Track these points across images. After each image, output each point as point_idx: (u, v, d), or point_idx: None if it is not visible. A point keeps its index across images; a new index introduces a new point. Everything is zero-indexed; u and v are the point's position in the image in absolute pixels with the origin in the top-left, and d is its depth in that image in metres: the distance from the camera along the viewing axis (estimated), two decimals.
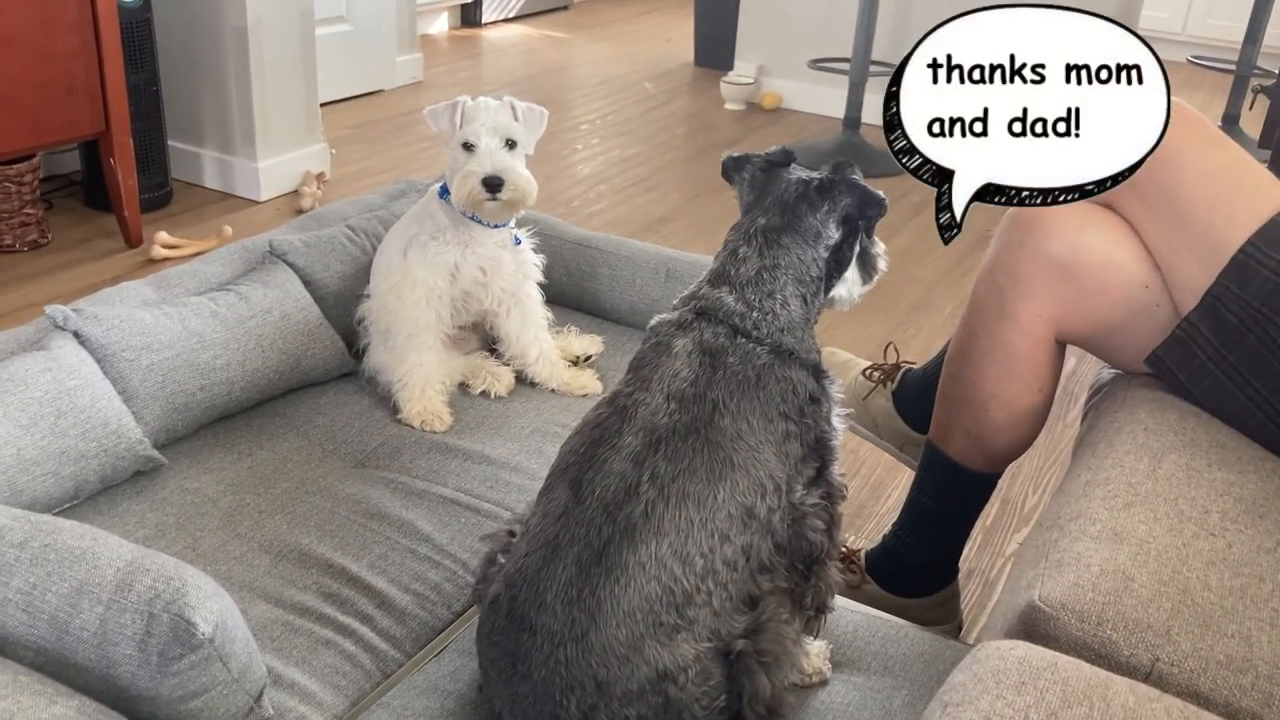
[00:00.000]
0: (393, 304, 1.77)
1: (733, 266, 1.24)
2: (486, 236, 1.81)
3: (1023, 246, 1.56)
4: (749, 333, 1.19)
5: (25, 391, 1.41)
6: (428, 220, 1.81)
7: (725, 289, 1.22)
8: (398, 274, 1.78)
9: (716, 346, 1.18)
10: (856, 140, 4.49)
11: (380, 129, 4.56)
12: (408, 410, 1.72)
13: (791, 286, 1.23)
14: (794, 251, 1.23)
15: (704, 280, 1.26)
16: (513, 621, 1.11)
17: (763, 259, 1.23)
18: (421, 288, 1.77)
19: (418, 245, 1.79)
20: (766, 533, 1.14)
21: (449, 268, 1.79)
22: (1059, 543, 1.15)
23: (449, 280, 1.79)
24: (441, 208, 1.80)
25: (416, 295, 1.76)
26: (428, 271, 1.77)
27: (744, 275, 1.22)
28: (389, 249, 1.85)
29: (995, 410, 1.63)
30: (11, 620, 1.07)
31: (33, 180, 3.18)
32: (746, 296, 1.21)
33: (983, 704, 0.90)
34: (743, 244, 1.25)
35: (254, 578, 1.36)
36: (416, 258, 1.78)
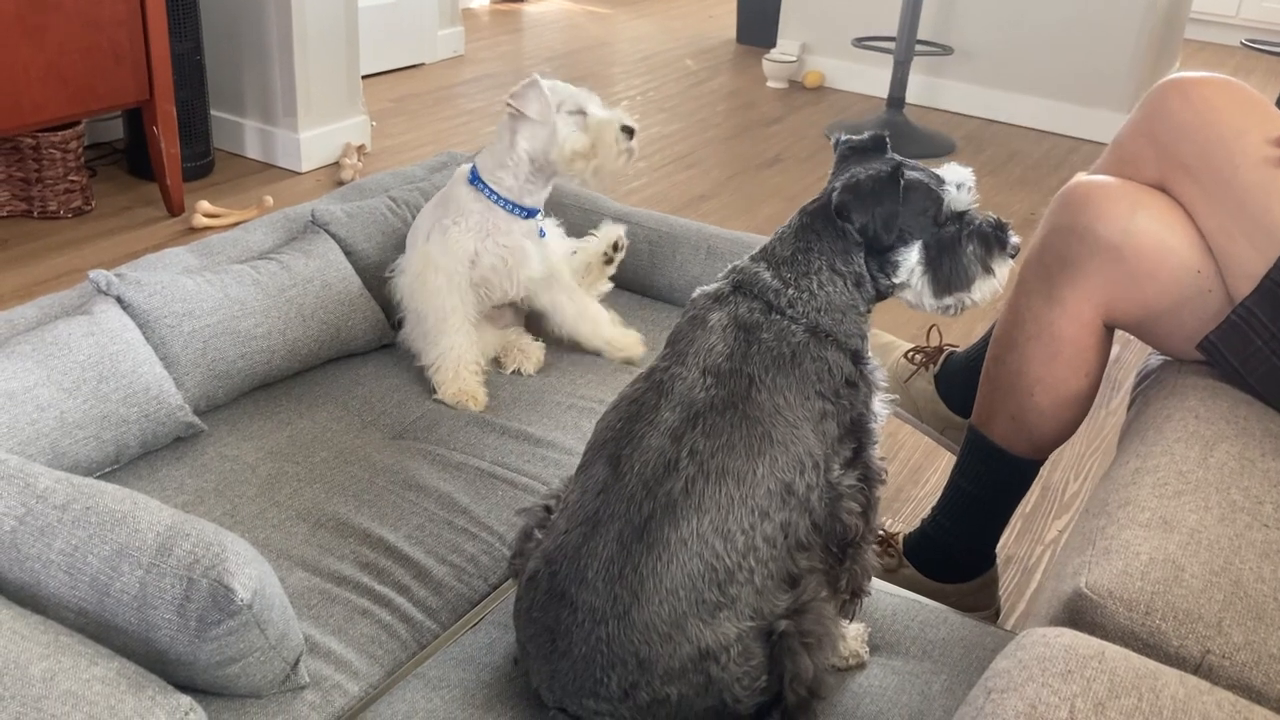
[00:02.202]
0: (418, 290, 1.77)
1: (777, 244, 1.23)
2: (512, 225, 1.79)
3: (1072, 229, 1.53)
4: (783, 310, 1.16)
5: (68, 355, 1.41)
6: (451, 205, 1.79)
7: (764, 265, 1.20)
8: (420, 261, 1.78)
9: (751, 321, 1.16)
10: (900, 120, 4.43)
11: (421, 102, 4.56)
12: (443, 392, 1.72)
13: (827, 271, 1.20)
14: (825, 240, 1.20)
15: (752, 254, 1.25)
16: (553, 598, 1.10)
17: (797, 240, 1.21)
18: (442, 274, 1.76)
19: (439, 230, 1.79)
20: (805, 510, 1.12)
21: (467, 254, 1.78)
22: (1106, 530, 1.13)
23: (468, 266, 1.78)
24: (469, 193, 1.78)
25: (439, 282, 1.76)
26: (446, 258, 1.76)
27: (782, 253, 1.21)
28: (418, 230, 1.84)
29: (1040, 395, 1.60)
30: (54, 581, 1.07)
31: (77, 147, 3.20)
32: (783, 274, 1.19)
33: (1028, 691, 0.88)
34: (789, 225, 1.24)
35: (292, 546, 1.37)
36: (437, 243, 1.78)
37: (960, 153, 4.34)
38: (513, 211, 1.78)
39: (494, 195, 1.77)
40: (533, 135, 1.74)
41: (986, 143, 4.50)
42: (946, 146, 4.36)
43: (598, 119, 1.73)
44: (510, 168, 1.76)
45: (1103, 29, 4.50)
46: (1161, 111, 1.55)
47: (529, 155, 1.75)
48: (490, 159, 1.78)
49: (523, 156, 1.75)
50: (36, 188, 3.17)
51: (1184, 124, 1.51)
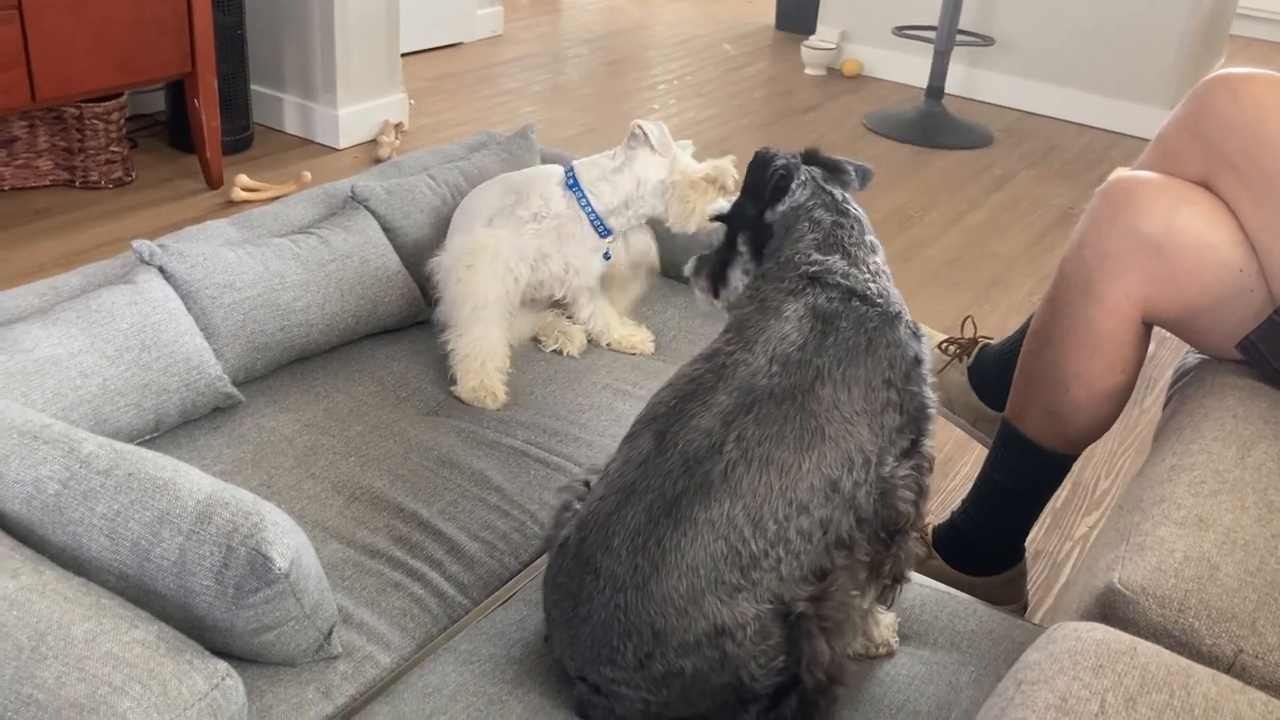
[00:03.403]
0: (463, 274, 1.73)
1: (841, 234, 1.26)
2: (589, 238, 1.80)
3: (1113, 223, 1.52)
4: (864, 295, 1.19)
5: (112, 323, 1.43)
6: (535, 199, 1.78)
7: (837, 255, 1.21)
8: (476, 244, 1.75)
9: (830, 311, 1.17)
10: (938, 111, 4.40)
11: (459, 81, 4.56)
12: (463, 385, 1.69)
13: (879, 254, 1.28)
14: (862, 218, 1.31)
15: (806, 248, 1.25)
16: (579, 563, 1.12)
17: (860, 228, 1.28)
18: (500, 263, 1.74)
19: (509, 219, 1.77)
20: (849, 508, 1.13)
21: (535, 254, 1.77)
22: (1141, 526, 1.13)
23: (530, 267, 1.77)
24: (562, 195, 1.78)
25: (493, 269, 1.73)
26: (509, 249, 1.75)
27: (853, 242, 1.25)
28: (474, 208, 1.82)
29: (1076, 390, 1.59)
30: (95, 545, 1.09)
31: (119, 119, 3.23)
32: (858, 261, 1.22)
33: (1059, 684, 0.89)
34: (839, 215, 1.29)
35: (327, 517, 1.38)
36: (503, 232, 1.76)
37: (999, 145, 4.31)
38: (596, 226, 1.79)
39: (588, 206, 1.77)
40: (643, 163, 1.76)
41: (1026, 135, 4.46)
42: (984, 138, 4.33)
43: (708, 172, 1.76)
44: (613, 184, 1.77)
45: (1147, 23, 4.45)
46: (1208, 108, 1.53)
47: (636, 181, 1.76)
48: (595, 170, 1.78)
49: (626, 184, 1.76)
50: (79, 157, 3.20)
51: (1231, 121, 1.49)
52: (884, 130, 4.32)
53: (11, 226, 2.98)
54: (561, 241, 1.78)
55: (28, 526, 1.13)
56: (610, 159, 1.79)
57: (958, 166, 4.05)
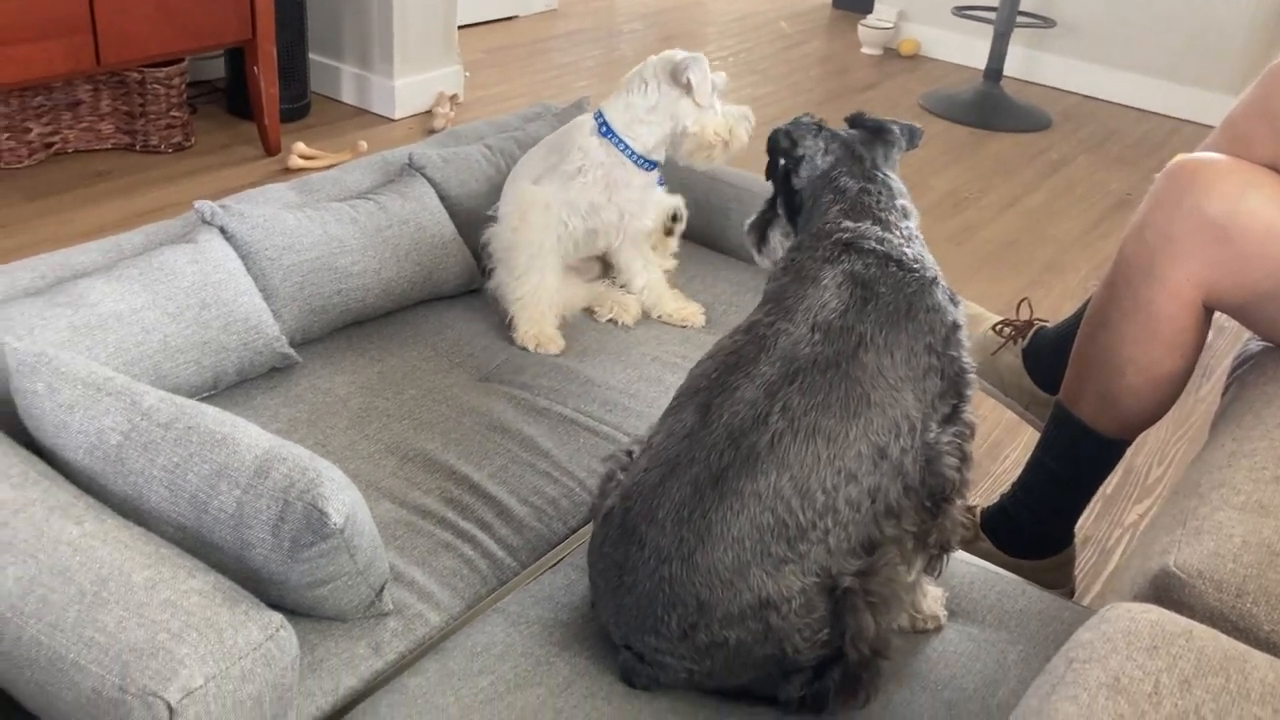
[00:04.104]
0: (517, 224, 1.78)
1: (870, 200, 1.25)
2: (633, 178, 1.80)
3: (1178, 205, 1.49)
4: (900, 261, 1.18)
5: (173, 281, 1.45)
6: (574, 153, 1.79)
7: (869, 221, 1.21)
8: (527, 199, 1.78)
9: (868, 277, 1.16)
10: (996, 93, 4.34)
11: (513, 54, 4.57)
12: (522, 331, 1.73)
13: (912, 219, 1.29)
14: (902, 187, 1.31)
15: (835, 217, 1.24)
16: (624, 534, 1.12)
17: (889, 194, 1.28)
18: (551, 214, 1.76)
19: (555, 176, 1.78)
20: (897, 475, 1.12)
21: (586, 205, 1.78)
22: (1198, 510, 1.11)
23: (581, 218, 1.79)
24: (598, 144, 1.78)
25: (545, 220, 1.76)
26: (561, 203, 1.77)
27: (882, 208, 1.24)
28: (520, 175, 1.84)
29: (1132, 374, 1.57)
30: (155, 496, 1.11)
31: (180, 84, 3.27)
32: (891, 226, 1.21)
33: (1111, 664, 0.88)
34: (866, 182, 1.28)
35: (380, 478, 1.40)
36: (552, 189, 1.77)
37: (1057, 129, 4.25)
38: (640, 164, 1.79)
39: (627, 148, 1.77)
40: (682, 109, 1.76)
41: (1085, 120, 4.39)
42: (1042, 121, 4.26)
43: (732, 110, 1.78)
44: (652, 125, 1.77)
45: (1214, 7, 4.36)
46: None
47: (672, 124, 1.77)
48: (628, 114, 1.78)
49: (664, 122, 1.77)
50: (140, 122, 3.24)
51: None
52: (940, 111, 4.27)
53: (75, 188, 3.03)
54: (610, 190, 1.79)
55: (90, 476, 1.16)
56: (643, 97, 1.77)
57: (1014, 149, 4.00)
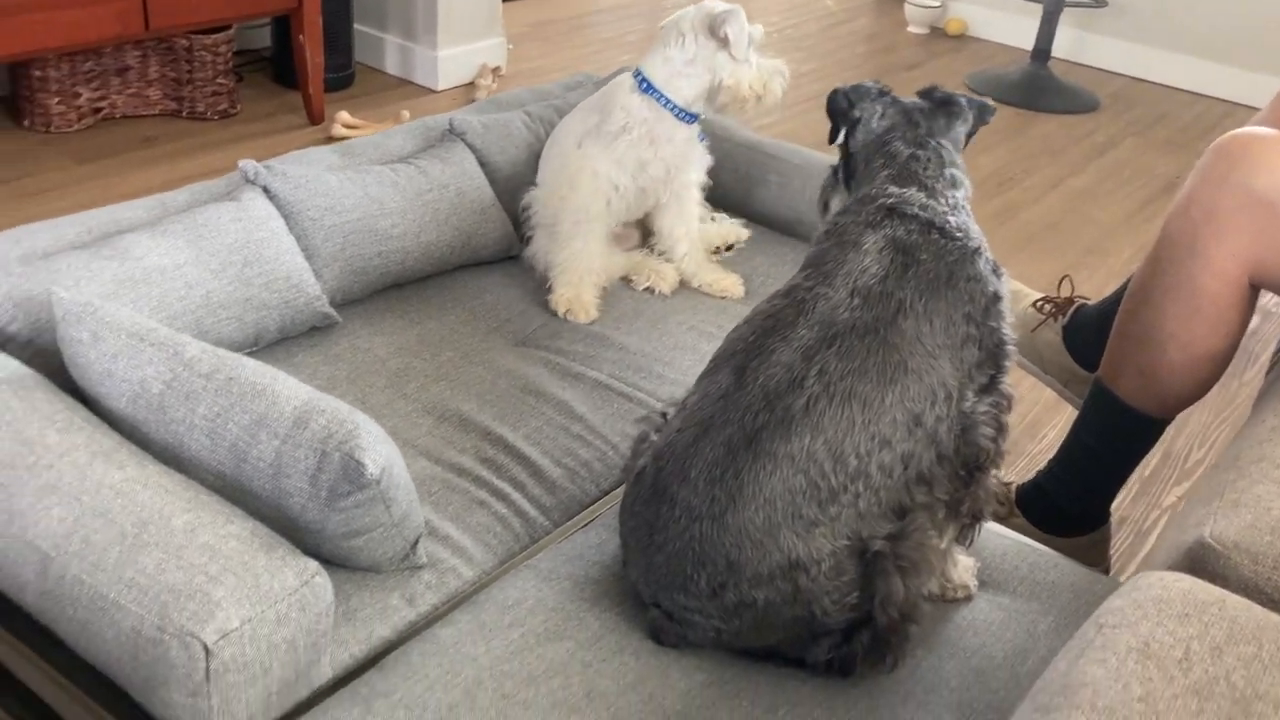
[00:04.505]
0: (565, 192, 1.78)
1: (918, 167, 1.24)
2: (677, 131, 1.81)
3: (1225, 180, 1.47)
4: (942, 228, 1.18)
5: (217, 238, 1.47)
6: (617, 112, 1.79)
7: (914, 188, 1.20)
8: (574, 165, 1.78)
9: (909, 243, 1.16)
10: (1044, 73, 4.29)
11: (557, 29, 4.56)
12: (558, 294, 1.73)
13: (966, 188, 1.28)
14: (954, 155, 1.29)
15: (882, 183, 1.24)
16: (655, 493, 1.13)
17: (942, 160, 1.27)
18: (602, 179, 1.77)
19: (598, 137, 1.79)
20: (931, 443, 1.12)
21: (635, 163, 1.78)
22: (1236, 483, 1.10)
23: (631, 177, 1.79)
24: (640, 101, 1.78)
25: (595, 186, 1.77)
26: (610, 165, 1.77)
27: (929, 175, 1.23)
28: (561, 139, 1.85)
29: (1174, 351, 1.55)
30: (196, 444, 1.13)
31: (227, 51, 3.30)
32: (936, 194, 1.20)
33: (1141, 629, 0.87)
34: (919, 149, 1.27)
35: (416, 436, 1.41)
36: (597, 150, 1.78)
37: (1105, 111, 4.19)
38: (682, 118, 1.80)
39: (668, 102, 1.78)
40: (719, 62, 1.77)
41: (1134, 102, 4.33)
42: (1090, 103, 4.21)
43: (767, 65, 1.79)
44: (691, 78, 1.77)
45: None
46: None
47: (710, 77, 1.77)
48: (667, 69, 1.78)
49: (703, 75, 1.77)
50: (187, 88, 3.28)
51: None
52: (986, 91, 4.22)
53: (123, 152, 3.07)
54: (655, 145, 1.79)
55: (133, 424, 1.18)
56: (680, 50, 1.77)
57: (1061, 131, 3.95)
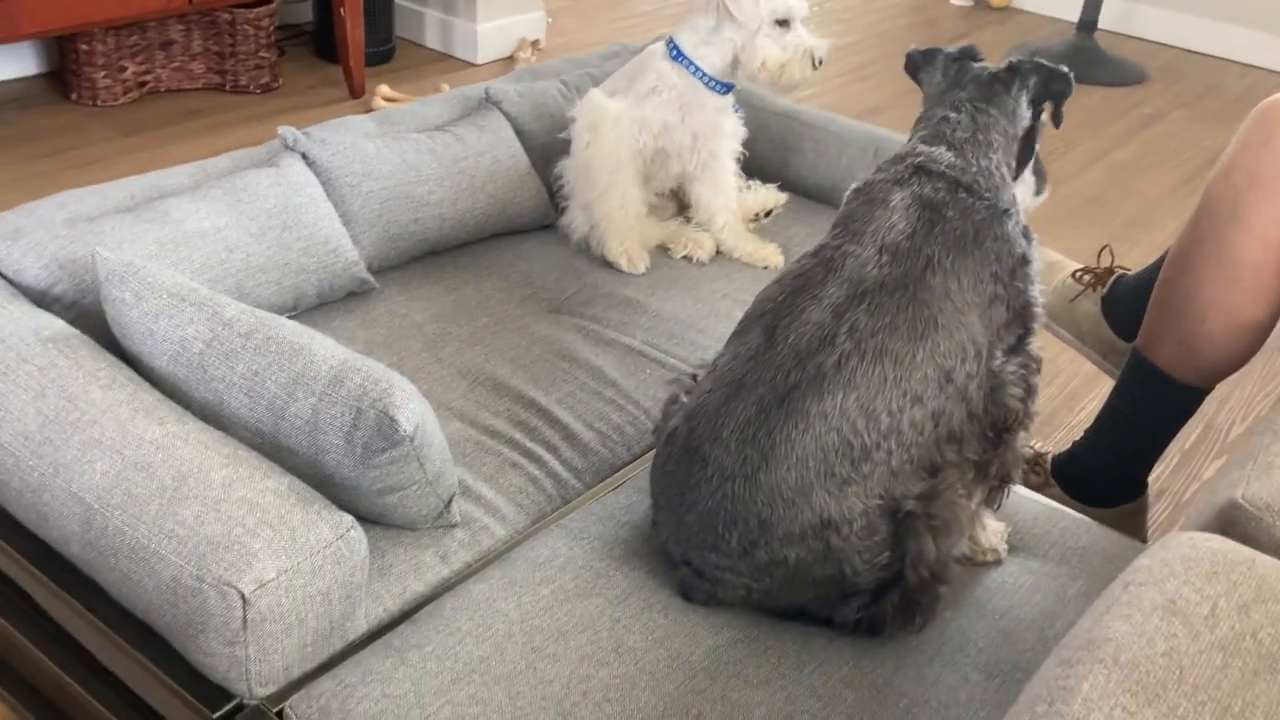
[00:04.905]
0: (589, 139, 1.78)
1: (947, 129, 1.23)
2: (709, 100, 1.80)
3: (1266, 145, 1.46)
4: (970, 187, 1.17)
5: (257, 203, 1.50)
6: (648, 74, 1.79)
7: (943, 147, 1.20)
8: (598, 110, 1.79)
9: (936, 200, 1.16)
10: (1090, 45, 4.23)
11: (595, 2, 4.56)
12: (613, 247, 1.75)
13: (1002, 153, 1.25)
14: (1001, 122, 1.26)
15: (915, 142, 1.24)
16: (687, 453, 1.14)
17: (975, 123, 1.25)
18: (623, 127, 1.77)
19: (627, 94, 1.79)
20: (961, 400, 1.12)
21: (660, 125, 1.79)
22: (1271, 447, 1.09)
23: (653, 136, 1.79)
24: (671, 67, 1.79)
25: (618, 133, 1.77)
26: (633, 120, 1.77)
27: (961, 136, 1.22)
28: (592, 100, 1.85)
29: (1212, 320, 1.54)
30: (235, 402, 1.16)
31: (269, 25, 3.32)
32: (965, 154, 1.20)
33: (1168, 587, 0.87)
34: (953, 112, 1.26)
35: (451, 399, 1.43)
36: (624, 104, 1.78)
37: (1152, 83, 4.12)
38: (713, 87, 1.80)
39: (698, 71, 1.78)
40: (734, 34, 1.76)
41: (1183, 74, 4.26)
42: (1137, 75, 4.14)
43: (795, 43, 1.75)
44: (716, 46, 1.77)
45: None
46: None
47: (732, 46, 1.77)
48: (694, 37, 1.78)
49: (726, 44, 1.77)
50: (230, 62, 3.31)
51: None
52: None
53: (167, 125, 3.11)
54: (685, 111, 1.79)
55: (173, 382, 1.20)
56: (705, 18, 1.77)
57: (1106, 103, 3.90)
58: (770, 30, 1.75)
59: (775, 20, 1.75)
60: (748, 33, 1.74)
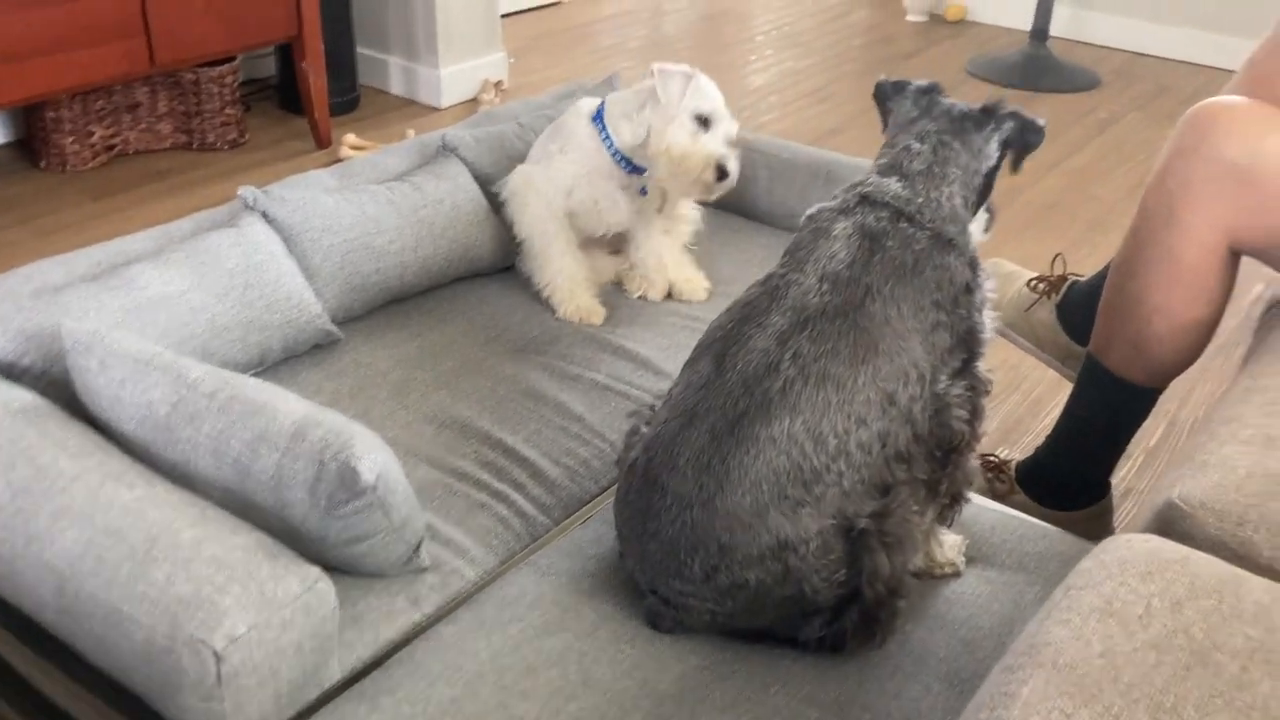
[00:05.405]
0: (519, 212, 1.83)
1: (906, 158, 1.26)
2: (614, 172, 1.82)
3: (1197, 151, 1.50)
4: (912, 217, 1.20)
5: (218, 264, 1.53)
6: (563, 133, 1.84)
7: (894, 178, 1.23)
8: (519, 179, 1.84)
9: (877, 230, 1.19)
10: (1044, 53, 4.30)
11: (558, 40, 4.62)
12: (563, 310, 1.78)
13: (958, 186, 1.27)
14: (963, 157, 1.28)
15: (871, 172, 1.28)
16: (647, 483, 1.17)
17: (935, 155, 1.27)
18: (541, 199, 1.82)
19: (545, 156, 1.85)
20: (906, 421, 1.15)
21: (565, 184, 1.82)
22: (1207, 446, 1.13)
23: (564, 196, 1.82)
24: (587, 129, 1.82)
25: (538, 209, 1.82)
26: (545, 183, 1.82)
27: (916, 167, 1.25)
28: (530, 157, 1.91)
29: (1159, 322, 1.58)
30: (202, 461, 1.18)
31: (233, 82, 3.37)
32: (915, 185, 1.23)
33: (1105, 589, 0.91)
34: (917, 142, 1.28)
35: (419, 444, 1.46)
36: (540, 167, 1.84)
37: (1106, 87, 4.19)
38: (618, 161, 1.82)
39: (609, 142, 1.81)
40: (653, 115, 1.76)
41: (1135, 77, 4.33)
42: (1091, 81, 4.21)
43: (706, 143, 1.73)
44: (635, 123, 1.79)
45: None
46: None
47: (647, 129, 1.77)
48: (619, 106, 1.81)
49: (643, 124, 1.78)
50: (196, 121, 3.35)
51: None
52: (986, 75, 4.24)
53: (136, 187, 3.14)
54: (588, 173, 1.82)
55: (142, 445, 1.23)
56: (636, 94, 1.80)
57: (1061, 109, 3.96)
58: (687, 122, 1.73)
59: (696, 115, 1.74)
60: (665, 116, 1.74)
